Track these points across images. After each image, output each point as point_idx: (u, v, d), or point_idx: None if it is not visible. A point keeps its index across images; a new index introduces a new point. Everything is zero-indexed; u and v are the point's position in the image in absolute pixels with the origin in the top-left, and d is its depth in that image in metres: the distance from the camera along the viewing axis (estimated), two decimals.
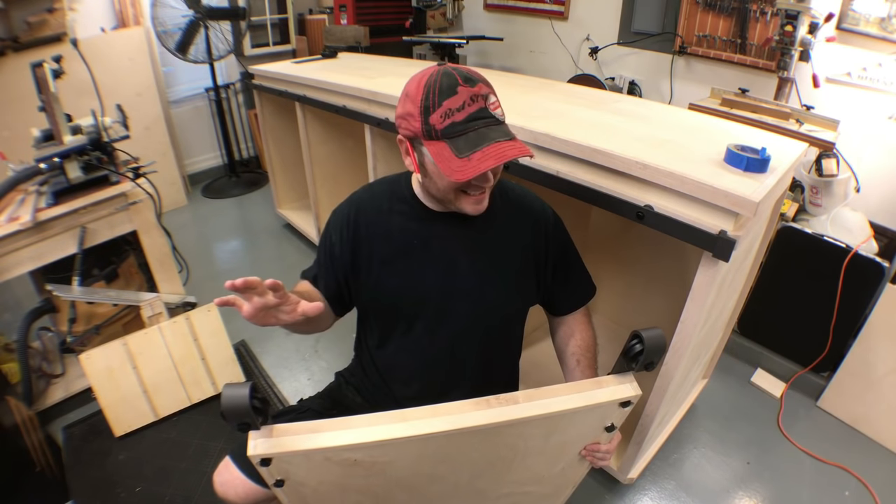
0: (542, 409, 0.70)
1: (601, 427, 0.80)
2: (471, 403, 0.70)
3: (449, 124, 0.80)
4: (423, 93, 0.81)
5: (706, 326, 1.26)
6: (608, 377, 0.77)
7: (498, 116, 0.84)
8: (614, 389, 0.72)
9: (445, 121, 0.80)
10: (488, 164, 0.79)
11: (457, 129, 0.80)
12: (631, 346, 0.75)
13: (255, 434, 0.65)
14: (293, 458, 0.67)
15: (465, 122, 0.80)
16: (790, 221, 1.88)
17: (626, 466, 1.46)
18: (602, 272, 1.98)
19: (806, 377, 1.89)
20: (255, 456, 0.63)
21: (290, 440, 0.64)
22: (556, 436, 0.79)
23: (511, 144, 0.81)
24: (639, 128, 1.32)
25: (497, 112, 0.84)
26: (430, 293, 0.98)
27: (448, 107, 0.80)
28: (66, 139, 1.58)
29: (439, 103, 0.80)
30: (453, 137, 0.81)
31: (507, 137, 0.82)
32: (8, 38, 2.50)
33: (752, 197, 0.94)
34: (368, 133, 1.95)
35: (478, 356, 1.04)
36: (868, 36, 1.98)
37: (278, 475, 0.72)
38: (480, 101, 0.81)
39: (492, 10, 3.59)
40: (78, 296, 1.69)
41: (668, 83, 2.74)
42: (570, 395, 0.72)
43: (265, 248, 3.00)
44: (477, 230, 0.98)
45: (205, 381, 1.83)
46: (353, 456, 0.68)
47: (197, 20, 2.99)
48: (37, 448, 1.59)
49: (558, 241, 1.06)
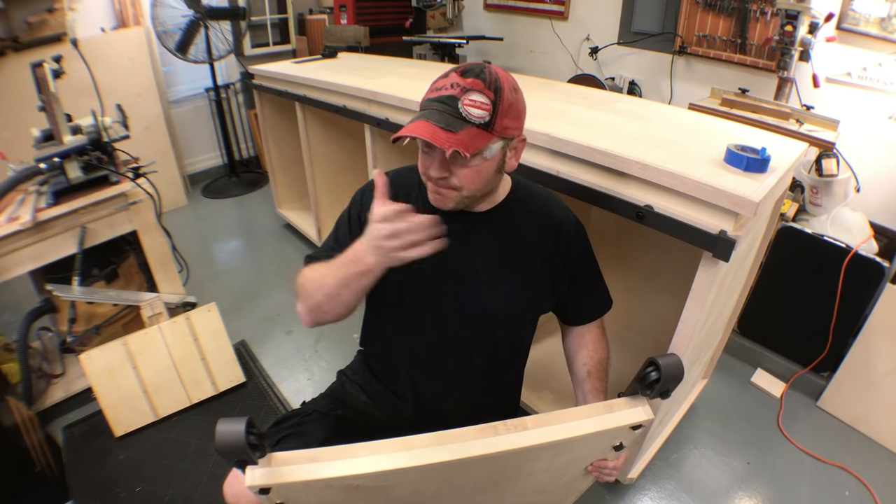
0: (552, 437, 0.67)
1: (609, 447, 0.77)
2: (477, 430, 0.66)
3: (424, 100, 0.85)
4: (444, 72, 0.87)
5: (706, 326, 1.26)
6: (619, 401, 0.73)
7: (464, 112, 0.80)
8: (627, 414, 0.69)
9: (425, 97, 0.85)
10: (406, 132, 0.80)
11: (423, 105, 0.85)
12: (647, 374, 0.70)
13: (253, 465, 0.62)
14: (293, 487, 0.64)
15: (431, 101, 0.83)
16: (790, 221, 1.88)
17: (626, 466, 1.46)
18: (602, 272, 1.98)
19: (806, 377, 1.89)
20: (252, 486, 0.61)
21: (289, 470, 0.62)
22: (563, 456, 0.77)
23: (445, 135, 0.79)
24: (639, 128, 1.32)
25: (469, 108, 0.80)
26: (444, 292, 0.98)
27: (435, 84, 0.85)
28: (66, 139, 1.58)
29: (436, 82, 0.85)
30: (420, 111, 0.84)
31: (447, 128, 0.79)
32: (8, 38, 2.50)
33: (752, 197, 0.94)
34: (368, 133, 1.95)
35: (484, 357, 1.04)
36: (868, 36, 1.98)
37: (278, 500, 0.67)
38: (457, 91, 0.81)
39: (492, 10, 3.59)
40: (78, 296, 1.69)
41: (668, 83, 2.74)
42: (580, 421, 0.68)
43: (265, 248, 3.00)
44: (496, 234, 0.98)
45: (205, 381, 1.83)
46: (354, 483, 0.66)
47: (197, 20, 2.99)
48: (37, 448, 1.59)
49: (578, 252, 1.05)
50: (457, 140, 0.79)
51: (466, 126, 0.81)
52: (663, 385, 0.68)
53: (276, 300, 2.44)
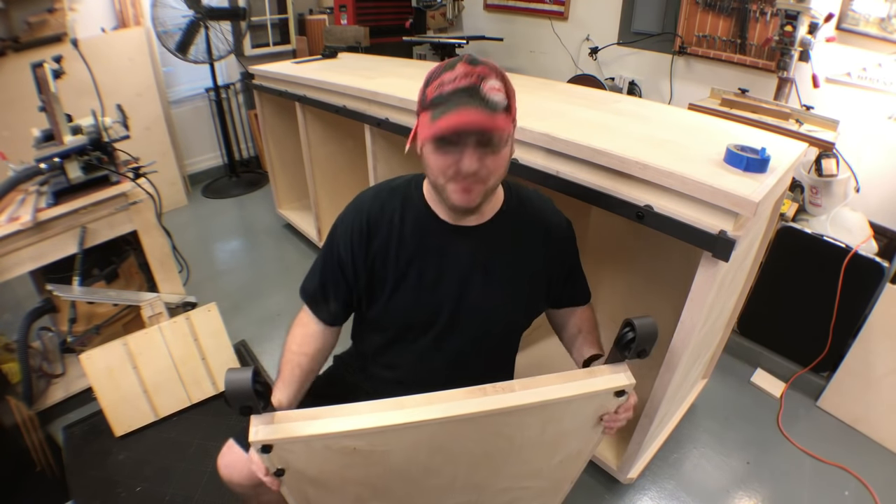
0: (537, 398, 0.71)
1: (597, 418, 0.81)
2: (466, 391, 0.72)
3: (436, 94, 0.81)
4: (434, 68, 0.84)
5: (706, 326, 1.26)
6: (602, 367, 0.78)
7: (489, 96, 0.79)
8: (608, 378, 0.74)
9: (436, 91, 0.81)
10: (447, 124, 0.77)
11: (441, 98, 0.80)
12: (623, 334, 0.76)
13: (257, 420, 0.66)
14: (293, 446, 0.68)
15: (451, 94, 0.80)
16: (790, 221, 1.89)
17: (626, 466, 1.46)
18: (602, 272, 1.98)
19: (806, 377, 1.89)
20: (256, 442, 0.64)
21: (290, 426, 0.66)
22: (552, 426, 0.80)
23: (485, 115, 0.78)
24: (639, 128, 1.32)
25: (492, 94, 0.80)
26: (442, 309, 0.97)
27: (443, 78, 0.81)
28: (66, 139, 1.58)
29: (439, 75, 0.82)
30: (437, 105, 0.80)
31: (486, 108, 0.78)
32: (8, 38, 2.51)
33: (752, 197, 0.94)
34: (368, 133, 1.95)
35: (478, 364, 1.05)
36: (868, 36, 1.98)
37: (279, 464, 0.72)
38: (474, 79, 0.79)
39: (492, 11, 3.59)
40: (78, 296, 1.69)
41: (667, 83, 2.74)
42: (565, 384, 0.73)
43: (265, 248, 3.00)
44: (490, 245, 0.97)
45: (205, 381, 1.83)
46: (352, 444, 0.69)
47: (197, 20, 2.99)
48: (37, 448, 1.59)
49: (571, 253, 1.07)
50: (501, 119, 0.80)
51: (496, 112, 0.80)
52: (639, 344, 0.74)
53: (276, 300, 2.44)
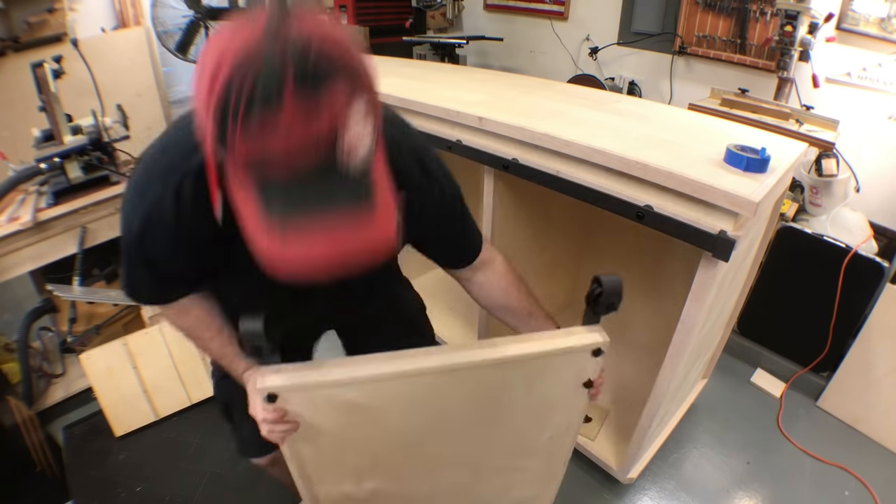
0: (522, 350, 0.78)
1: (579, 382, 0.86)
2: (456, 346, 0.79)
3: (260, 160, 0.46)
4: (224, 83, 0.45)
5: (706, 326, 1.26)
6: (578, 328, 0.83)
7: (351, 169, 0.48)
8: (584, 336, 0.81)
9: (254, 149, 0.45)
10: (315, 254, 0.47)
11: (274, 174, 0.47)
12: (592, 290, 0.82)
13: (263, 370, 0.72)
14: (297, 396, 0.73)
15: (290, 180, 0.47)
16: (790, 221, 1.89)
17: (626, 466, 1.46)
18: (602, 272, 1.98)
19: (806, 377, 1.89)
20: (262, 389, 0.70)
21: (294, 374, 0.72)
22: (536, 388, 0.85)
23: (359, 218, 0.48)
24: (639, 128, 1.32)
25: (353, 159, 0.47)
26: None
27: (262, 123, 0.44)
28: (66, 139, 1.58)
29: (247, 111, 0.44)
30: (267, 185, 0.47)
31: (353, 200, 0.48)
32: (8, 38, 2.51)
33: (752, 197, 0.94)
34: None
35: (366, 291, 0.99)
36: (868, 36, 1.98)
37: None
38: (322, 144, 0.46)
39: (492, 11, 3.59)
40: (78, 296, 1.69)
41: (667, 83, 2.74)
42: (545, 340, 0.80)
43: None
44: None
45: (205, 381, 1.83)
46: (351, 396, 0.75)
47: (197, 20, 2.99)
48: (37, 448, 1.59)
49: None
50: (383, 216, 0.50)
51: (371, 201, 0.49)
52: (606, 298, 0.80)
53: None
